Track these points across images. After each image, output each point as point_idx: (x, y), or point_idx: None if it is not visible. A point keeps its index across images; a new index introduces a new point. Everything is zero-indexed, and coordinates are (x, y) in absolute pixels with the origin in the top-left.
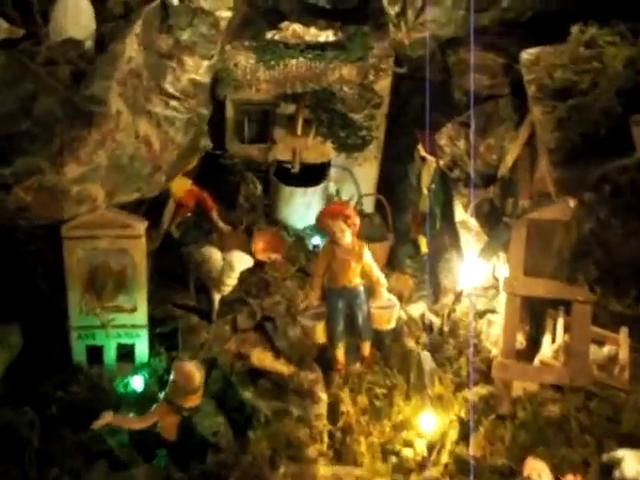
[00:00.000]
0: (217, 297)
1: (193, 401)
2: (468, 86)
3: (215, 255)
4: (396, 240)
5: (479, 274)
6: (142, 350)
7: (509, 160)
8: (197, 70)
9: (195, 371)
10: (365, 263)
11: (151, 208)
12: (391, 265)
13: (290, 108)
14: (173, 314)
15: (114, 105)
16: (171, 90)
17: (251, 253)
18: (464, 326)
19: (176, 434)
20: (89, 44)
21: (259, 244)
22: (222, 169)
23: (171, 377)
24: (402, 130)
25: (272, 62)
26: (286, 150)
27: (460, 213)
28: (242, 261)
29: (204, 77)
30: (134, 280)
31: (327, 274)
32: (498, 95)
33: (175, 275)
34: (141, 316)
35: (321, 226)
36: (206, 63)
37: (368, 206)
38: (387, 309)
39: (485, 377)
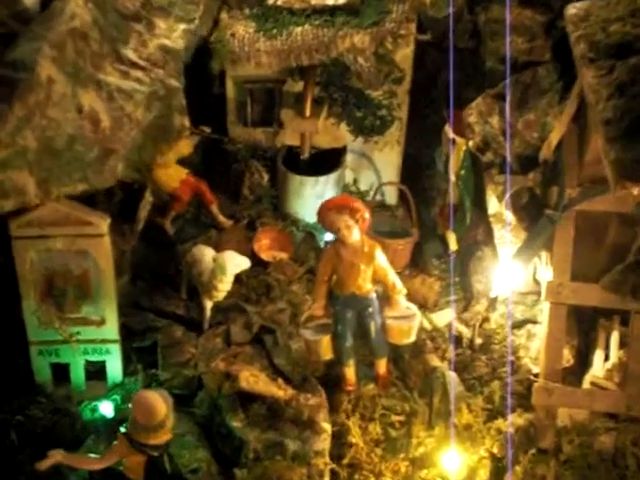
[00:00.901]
0: (209, 304)
1: (159, 438)
2: (502, 51)
3: (207, 256)
4: (421, 236)
5: (517, 277)
6: (114, 369)
7: (553, 139)
8: (170, 34)
9: (158, 404)
10: (378, 266)
11: (127, 202)
12: (415, 265)
13: (298, 85)
14: (155, 325)
15: (44, 72)
16: (133, 57)
17: (253, 251)
18: (499, 339)
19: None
20: (31, 1)
21: (263, 241)
22: (223, 156)
23: (130, 411)
24: (428, 109)
25: (274, 31)
26: (295, 134)
27: (494, 204)
28: (236, 262)
29: (177, 43)
30: (99, 287)
31: (333, 279)
32: (538, 61)
33: (168, 278)
34: (111, 329)
35: (323, 222)
36: (182, 27)
37: (390, 197)
38: (405, 320)
39: (524, 403)
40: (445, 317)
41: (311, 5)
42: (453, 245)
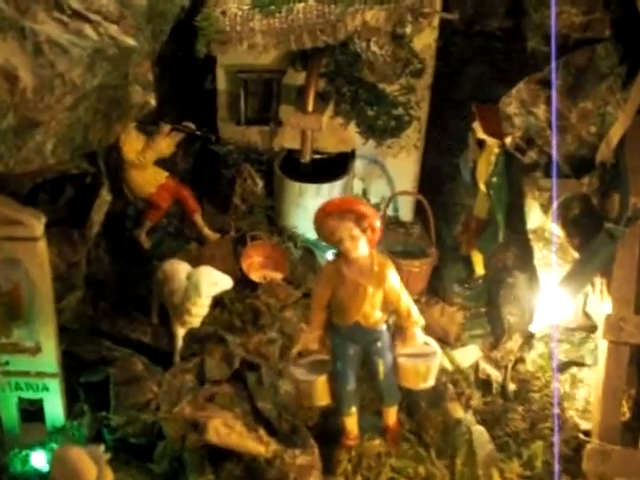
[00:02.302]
0: (180, 332)
1: None
2: (548, 27)
3: (181, 272)
4: (441, 258)
5: (561, 308)
6: (54, 409)
7: (614, 135)
8: None
9: (84, 466)
10: (389, 289)
11: (78, 201)
12: (434, 291)
13: (300, 77)
14: (111, 355)
15: None
16: (77, 6)
17: (241, 270)
18: (539, 385)
19: None
20: None
21: (254, 258)
22: (211, 159)
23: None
24: (452, 108)
25: (272, 7)
26: (295, 134)
27: (536, 217)
28: (212, 280)
29: None
30: (34, 305)
31: (332, 304)
32: (595, 39)
33: (137, 299)
34: (49, 360)
35: (321, 230)
36: None
37: (405, 212)
38: (422, 359)
39: (570, 468)
40: (470, 355)
41: None
42: (479, 268)
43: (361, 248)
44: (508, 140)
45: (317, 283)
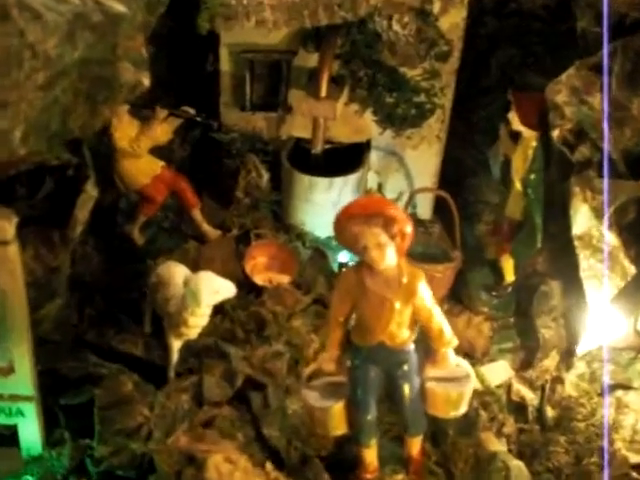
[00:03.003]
0: (176, 344)
1: None
2: (601, 5)
3: (178, 277)
4: (466, 261)
5: (613, 328)
6: (30, 436)
7: None
8: None
9: None
10: (420, 305)
11: (59, 197)
12: (457, 299)
13: (312, 59)
14: (98, 372)
15: None
16: None
17: (244, 273)
18: (583, 413)
19: None
20: None
21: (258, 259)
22: (212, 147)
23: None
24: (477, 95)
25: None
26: (306, 122)
27: (583, 221)
28: (213, 288)
29: None
30: (5, 319)
31: (352, 320)
32: None
33: (129, 303)
34: (24, 381)
35: (342, 236)
36: None
37: (423, 209)
38: (454, 384)
39: None
40: (500, 372)
41: None
42: (510, 275)
43: (389, 258)
44: (555, 133)
45: (334, 294)
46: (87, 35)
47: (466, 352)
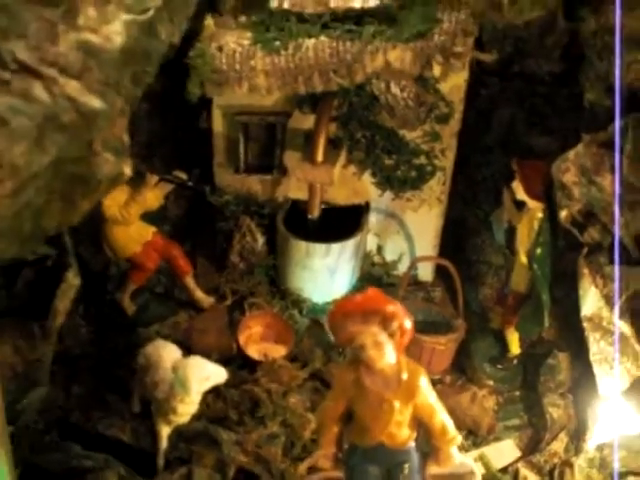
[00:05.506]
0: (165, 431)
1: None
2: (613, 79)
3: (166, 359)
4: (469, 330)
5: (625, 420)
6: None
7: None
8: (100, 27)
9: None
10: (422, 403)
11: (38, 286)
12: (460, 371)
13: (308, 120)
14: (82, 465)
15: None
16: (24, 57)
17: (238, 344)
18: None
19: None
20: None
21: (253, 329)
22: (206, 211)
23: None
24: (478, 154)
25: (276, 43)
26: (302, 185)
27: (593, 302)
28: (204, 375)
29: (111, 41)
30: None
31: (349, 419)
32: None
33: (118, 379)
34: None
35: (337, 334)
36: (125, 18)
37: (424, 271)
38: None
39: None
40: (506, 453)
41: (330, 8)
42: (515, 348)
43: (388, 356)
44: (563, 214)
45: (330, 393)
46: (58, 137)
47: (470, 430)
